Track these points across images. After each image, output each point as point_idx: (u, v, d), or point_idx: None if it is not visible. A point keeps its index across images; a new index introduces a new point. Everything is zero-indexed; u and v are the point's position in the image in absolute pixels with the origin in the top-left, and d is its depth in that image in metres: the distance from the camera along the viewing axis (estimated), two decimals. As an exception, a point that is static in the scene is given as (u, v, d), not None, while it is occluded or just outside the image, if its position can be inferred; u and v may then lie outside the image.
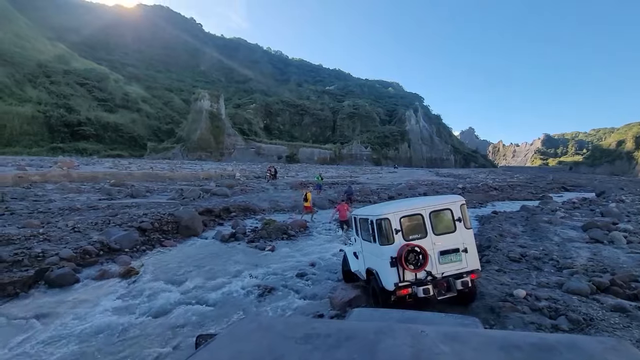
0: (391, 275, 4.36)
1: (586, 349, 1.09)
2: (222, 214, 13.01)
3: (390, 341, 1.19)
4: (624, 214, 14.57)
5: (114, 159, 61.62)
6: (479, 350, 1.14)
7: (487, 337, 1.28)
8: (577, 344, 1.13)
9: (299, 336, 1.22)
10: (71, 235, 8.08)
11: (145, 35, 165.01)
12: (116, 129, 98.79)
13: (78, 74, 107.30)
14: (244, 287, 6.33)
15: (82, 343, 4.20)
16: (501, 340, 1.21)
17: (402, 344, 1.16)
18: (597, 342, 1.15)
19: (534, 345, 1.14)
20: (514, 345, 1.15)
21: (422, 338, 1.21)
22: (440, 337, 1.21)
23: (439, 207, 4.71)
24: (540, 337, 1.27)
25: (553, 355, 1.07)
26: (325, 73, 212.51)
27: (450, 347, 1.14)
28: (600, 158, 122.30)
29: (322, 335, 1.22)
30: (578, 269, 6.26)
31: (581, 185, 41.03)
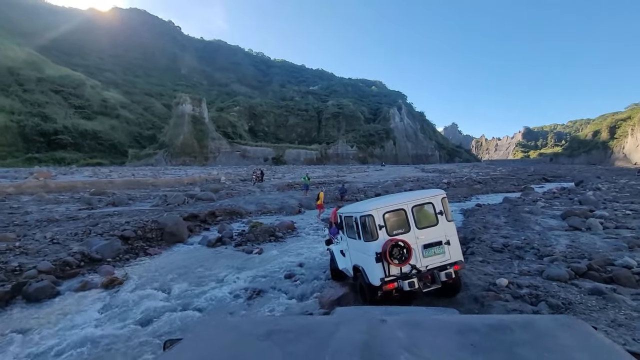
0: (377, 270, 4.40)
1: (539, 326, 1.13)
2: (208, 219, 12.82)
3: (345, 331, 1.20)
4: (600, 202, 15.19)
5: (94, 167, 59.81)
6: (434, 334, 1.15)
7: (445, 322, 1.31)
8: (531, 322, 1.17)
9: (261, 333, 1.24)
10: (50, 247, 7.79)
11: (121, 39, 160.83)
12: (95, 136, 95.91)
13: (52, 81, 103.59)
14: (231, 291, 6.26)
15: (66, 356, 4.06)
16: (458, 324, 1.23)
17: (357, 332, 1.17)
18: (550, 320, 1.19)
19: (490, 327, 1.16)
20: (470, 328, 1.17)
21: (379, 326, 1.22)
22: (398, 324, 1.22)
23: (420, 202, 4.79)
24: (498, 318, 1.29)
25: (506, 334, 1.09)
26: (308, 73, 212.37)
27: (406, 332, 1.15)
28: (578, 149, 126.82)
29: (282, 331, 1.24)
30: (557, 256, 6.48)
31: (561, 176, 42.49)
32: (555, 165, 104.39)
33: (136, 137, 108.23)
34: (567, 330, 1.09)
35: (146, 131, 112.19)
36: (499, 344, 1.04)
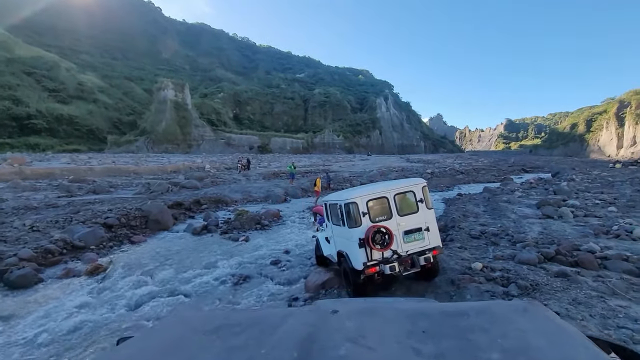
0: (360, 255, 4.60)
1: (495, 312, 1.10)
2: (193, 207, 12.75)
3: (292, 322, 1.17)
4: (573, 192, 15.96)
5: (71, 154, 57.59)
6: (386, 322, 1.12)
7: (399, 309, 1.27)
8: (489, 308, 1.15)
9: (209, 328, 1.22)
10: (29, 234, 7.63)
11: (98, 19, 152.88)
12: (71, 121, 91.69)
13: (24, 62, 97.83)
14: (218, 277, 6.37)
15: (54, 342, 4.10)
16: (412, 311, 1.21)
17: (303, 324, 1.14)
18: (508, 306, 1.18)
19: (445, 313, 1.14)
20: (424, 315, 1.14)
21: (328, 317, 1.18)
22: (350, 314, 1.19)
23: (402, 190, 4.98)
24: (455, 305, 1.28)
25: (460, 320, 1.06)
26: (294, 60, 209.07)
27: (355, 322, 1.12)
28: (557, 141, 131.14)
29: (231, 325, 1.21)
30: (530, 242, 6.89)
31: (539, 167, 44.06)
32: (534, 156, 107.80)
33: (115, 123, 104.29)
34: (525, 315, 1.06)
35: (126, 117, 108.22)
36: (451, 330, 1.02)
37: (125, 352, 1.15)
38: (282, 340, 1.06)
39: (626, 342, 3.28)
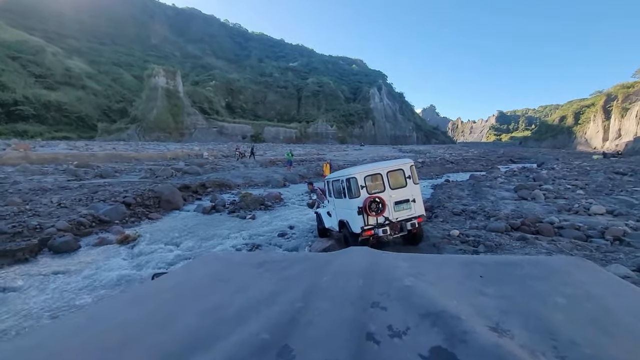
0: (358, 221, 5.61)
1: (549, 264, 1.10)
2: (199, 190, 13.62)
3: (344, 258, 1.17)
4: (550, 179, 17.29)
5: (66, 141, 57.05)
6: (439, 266, 1.11)
7: (448, 257, 1.29)
8: (540, 261, 1.15)
9: (253, 263, 1.23)
10: (59, 210, 8.45)
11: (85, 4, 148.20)
12: (59, 108, 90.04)
13: (8, 46, 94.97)
14: (234, 245, 7.35)
15: (112, 286, 5.04)
16: (463, 259, 1.21)
17: (358, 261, 1.13)
18: (560, 259, 1.16)
19: (498, 262, 1.14)
20: (477, 262, 1.14)
21: (381, 255, 1.19)
22: (400, 256, 1.20)
23: (393, 168, 6.00)
24: (506, 257, 1.29)
25: (516, 269, 1.05)
26: (287, 48, 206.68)
27: (409, 263, 1.11)
28: (546, 133, 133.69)
29: (277, 261, 1.23)
30: (501, 217, 8.01)
31: (526, 158, 45.79)
32: (523, 148, 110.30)
33: (105, 110, 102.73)
34: (578, 268, 1.05)
35: (116, 104, 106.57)
36: (510, 277, 1.00)
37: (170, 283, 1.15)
38: (342, 270, 1.04)
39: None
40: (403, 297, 0.85)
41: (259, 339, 0.71)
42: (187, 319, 0.86)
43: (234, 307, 0.90)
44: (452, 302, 0.82)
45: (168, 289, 1.08)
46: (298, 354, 0.65)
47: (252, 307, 0.89)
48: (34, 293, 4.86)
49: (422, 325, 0.73)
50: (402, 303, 0.82)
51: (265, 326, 0.76)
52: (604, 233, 6.53)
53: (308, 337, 0.71)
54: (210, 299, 0.97)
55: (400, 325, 0.73)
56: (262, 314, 0.83)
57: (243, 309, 0.88)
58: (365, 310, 0.80)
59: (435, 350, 0.64)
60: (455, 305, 0.80)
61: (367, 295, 0.86)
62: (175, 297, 1.02)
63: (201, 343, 0.73)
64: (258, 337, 0.71)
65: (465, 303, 0.84)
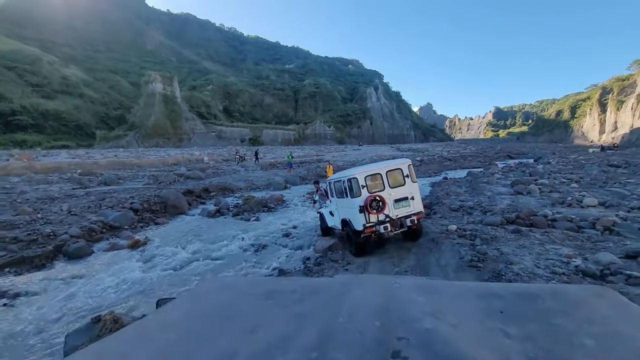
0: (360, 219, 5.90)
1: (571, 295, 1.05)
2: (203, 194, 13.90)
3: (357, 292, 1.12)
4: (546, 173, 17.61)
5: (67, 150, 57.19)
6: (455, 299, 1.08)
7: (463, 287, 1.25)
8: (560, 291, 1.10)
9: (260, 292, 1.19)
10: (69, 218, 8.72)
11: (79, 10, 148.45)
12: (58, 117, 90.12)
13: (3, 56, 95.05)
14: (241, 246, 7.63)
15: (129, 288, 5.32)
16: (479, 289, 1.16)
17: (372, 293, 1.09)
18: (582, 290, 1.12)
19: (516, 294, 1.09)
20: (494, 294, 1.09)
21: (394, 288, 1.15)
22: (414, 287, 1.15)
23: (392, 168, 6.29)
24: (520, 286, 1.24)
25: (536, 302, 1.01)
26: (283, 51, 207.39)
27: (425, 297, 1.07)
28: (543, 128, 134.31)
29: (285, 292, 1.18)
30: (496, 211, 8.32)
31: (524, 153, 46.17)
32: (521, 143, 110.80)
33: (103, 117, 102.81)
34: (602, 300, 1.00)
35: (113, 111, 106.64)
36: (531, 313, 0.96)
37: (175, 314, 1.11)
38: (356, 308, 1.00)
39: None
40: (425, 344, 0.80)
41: None
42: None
43: (245, 354, 0.85)
44: (474, 348, 0.78)
45: (173, 326, 1.05)
46: None
47: (264, 353, 0.84)
48: (56, 296, 5.14)
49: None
50: (424, 351, 0.78)
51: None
52: (595, 224, 6.84)
53: None
54: (218, 343, 0.93)
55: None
56: None
57: (254, 355, 0.84)
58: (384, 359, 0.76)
59: None
60: (478, 351, 0.77)
61: (386, 341, 0.82)
62: (181, 336, 0.98)
63: None
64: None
65: (489, 348, 0.80)
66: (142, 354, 0.89)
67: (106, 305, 4.81)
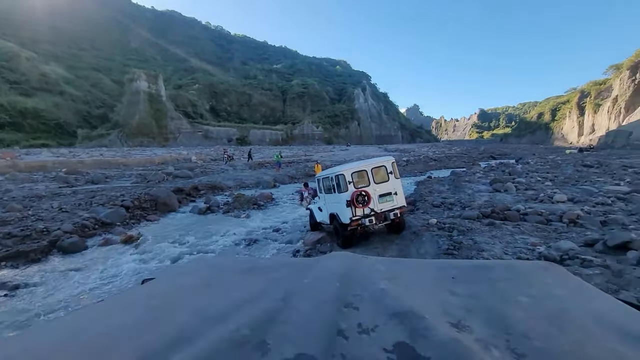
0: (347, 212, 6.31)
1: (520, 268, 1.15)
2: (193, 192, 14.05)
3: (326, 262, 1.22)
4: (524, 172, 18.49)
5: (49, 148, 55.56)
6: (414, 269, 1.17)
7: (425, 261, 1.35)
8: (513, 265, 1.19)
9: (241, 268, 1.27)
10: (61, 214, 8.79)
11: (62, 9, 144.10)
12: (37, 115, 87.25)
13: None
14: (233, 241, 7.93)
15: (127, 278, 5.55)
16: (438, 263, 1.27)
17: (339, 264, 1.19)
18: (531, 264, 1.21)
19: (471, 265, 1.20)
20: (451, 265, 1.20)
21: (360, 259, 1.25)
22: (379, 261, 1.25)
23: (377, 165, 6.73)
24: (480, 261, 1.35)
25: (487, 272, 1.11)
26: (271, 50, 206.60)
27: (386, 267, 1.17)
28: (525, 129, 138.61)
29: (263, 266, 1.28)
30: (475, 206, 8.88)
31: (506, 154, 47.71)
32: (504, 144, 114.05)
33: (85, 116, 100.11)
34: (546, 272, 1.11)
35: (96, 110, 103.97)
36: (481, 278, 1.06)
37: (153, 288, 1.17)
38: (322, 274, 1.10)
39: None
40: (375, 299, 0.90)
41: (239, 335, 0.76)
42: (172, 319, 0.90)
43: (218, 308, 0.94)
44: (420, 302, 0.87)
45: (155, 293, 1.12)
46: (273, 348, 0.71)
47: (235, 307, 0.93)
48: (56, 287, 5.33)
49: (389, 323, 0.78)
50: (373, 304, 0.88)
51: (245, 323, 0.81)
52: (562, 217, 7.46)
53: (284, 334, 0.76)
54: (195, 301, 1.01)
55: (369, 324, 0.79)
56: (243, 313, 0.88)
57: (226, 308, 0.92)
58: (339, 310, 0.85)
59: (398, 345, 0.71)
60: (422, 305, 0.86)
61: (342, 297, 0.92)
62: (162, 300, 1.05)
63: (184, 340, 0.77)
64: (238, 333, 0.76)
65: (433, 302, 0.89)
66: (121, 317, 0.95)
67: (106, 294, 5.04)
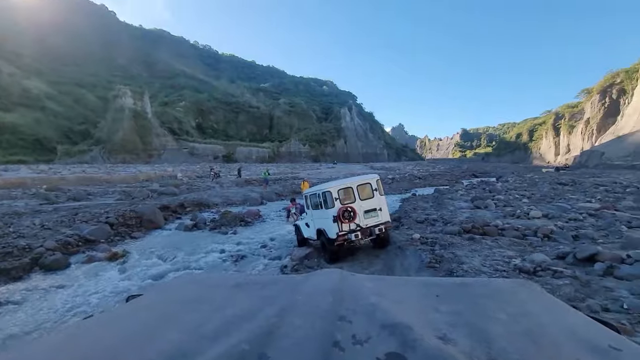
0: (334, 228, 6.51)
1: (497, 285, 1.22)
2: (179, 209, 13.95)
3: (315, 279, 1.25)
4: (503, 190, 19.27)
5: (28, 165, 53.59)
6: (400, 286, 1.23)
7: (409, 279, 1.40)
8: (490, 283, 1.26)
9: (230, 284, 1.27)
10: (43, 231, 8.60)
11: (48, 24, 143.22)
12: (15, 130, 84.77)
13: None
14: (220, 257, 7.94)
15: (111, 296, 5.49)
16: (422, 281, 1.32)
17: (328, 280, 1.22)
18: (508, 282, 1.27)
19: (453, 283, 1.27)
20: (434, 283, 1.26)
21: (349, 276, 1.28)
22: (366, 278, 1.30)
23: (362, 182, 7.03)
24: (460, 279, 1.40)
25: (468, 289, 1.18)
26: (259, 70, 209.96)
27: (374, 284, 1.21)
28: (505, 149, 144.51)
29: (253, 282, 1.29)
30: (456, 222, 9.24)
31: (487, 172, 49.36)
32: (485, 163, 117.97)
33: (66, 132, 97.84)
34: (523, 289, 1.18)
35: (77, 126, 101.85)
36: (463, 296, 1.12)
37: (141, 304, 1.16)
38: (314, 290, 1.13)
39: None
40: (367, 312, 0.94)
41: (239, 350, 0.77)
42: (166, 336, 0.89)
43: (213, 324, 0.94)
44: (407, 316, 0.92)
45: (145, 310, 1.11)
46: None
47: (230, 323, 0.94)
48: (37, 305, 5.22)
49: (381, 334, 0.82)
50: (365, 317, 0.91)
51: (244, 339, 0.82)
52: (537, 232, 7.88)
53: (283, 347, 0.79)
54: (188, 318, 1.01)
55: (362, 335, 0.82)
56: (240, 328, 0.89)
57: (221, 324, 0.93)
58: (333, 323, 0.89)
59: (390, 355, 0.74)
60: (410, 319, 0.90)
61: (336, 310, 0.95)
62: (151, 317, 1.05)
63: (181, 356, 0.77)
64: (238, 348, 0.78)
65: (420, 317, 0.94)
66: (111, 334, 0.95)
67: (90, 311, 4.98)
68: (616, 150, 58.60)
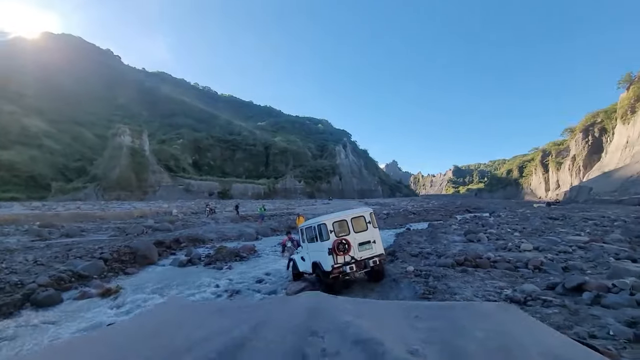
0: (329, 260, 6.64)
1: (480, 307, 1.25)
2: (173, 245, 13.87)
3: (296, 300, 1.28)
4: (495, 224, 19.53)
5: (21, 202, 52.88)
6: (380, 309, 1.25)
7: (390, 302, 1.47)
8: (472, 305, 1.29)
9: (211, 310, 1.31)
10: (36, 267, 8.52)
11: (52, 64, 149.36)
12: (11, 167, 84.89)
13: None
14: (214, 292, 7.89)
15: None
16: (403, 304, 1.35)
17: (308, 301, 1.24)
18: (489, 304, 1.29)
19: (433, 305, 1.30)
20: (414, 306, 1.29)
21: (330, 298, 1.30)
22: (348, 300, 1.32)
23: (356, 215, 7.28)
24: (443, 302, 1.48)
25: (451, 311, 1.19)
26: (256, 109, 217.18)
27: (354, 306, 1.23)
28: (497, 185, 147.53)
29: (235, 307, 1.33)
30: (449, 255, 9.38)
31: (480, 208, 49.87)
32: (478, 199, 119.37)
33: (61, 169, 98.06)
34: (503, 312, 1.18)
35: (73, 163, 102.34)
36: (442, 316, 1.13)
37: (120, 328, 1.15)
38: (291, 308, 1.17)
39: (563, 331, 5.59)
40: (340, 329, 0.95)
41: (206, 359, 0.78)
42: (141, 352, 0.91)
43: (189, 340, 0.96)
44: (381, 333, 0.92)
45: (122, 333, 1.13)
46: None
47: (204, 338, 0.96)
48: (28, 341, 5.13)
49: (353, 349, 0.83)
50: (338, 333, 0.93)
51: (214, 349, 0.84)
52: (528, 264, 8.05)
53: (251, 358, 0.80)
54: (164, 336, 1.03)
55: (332, 349, 0.84)
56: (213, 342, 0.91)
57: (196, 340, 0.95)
58: (304, 338, 0.91)
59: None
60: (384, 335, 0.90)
61: (308, 327, 0.98)
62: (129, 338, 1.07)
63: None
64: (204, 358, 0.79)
65: (394, 334, 0.95)
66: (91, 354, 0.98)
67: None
68: (603, 186, 60.12)
